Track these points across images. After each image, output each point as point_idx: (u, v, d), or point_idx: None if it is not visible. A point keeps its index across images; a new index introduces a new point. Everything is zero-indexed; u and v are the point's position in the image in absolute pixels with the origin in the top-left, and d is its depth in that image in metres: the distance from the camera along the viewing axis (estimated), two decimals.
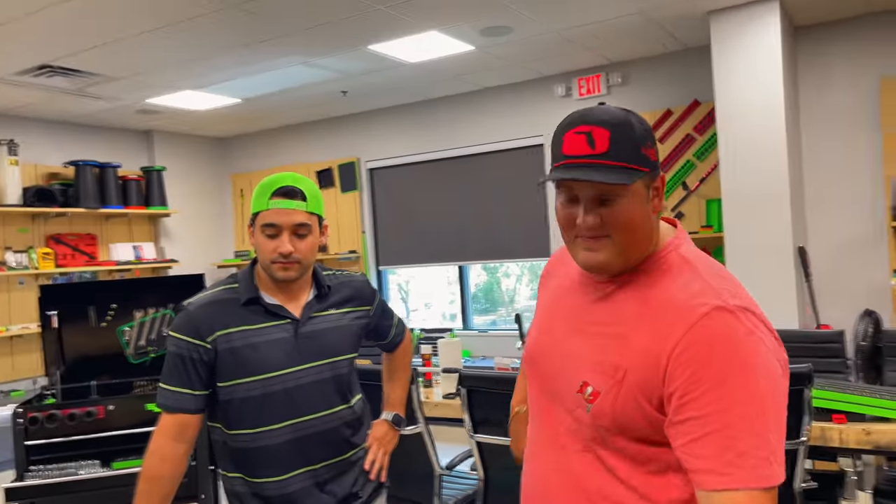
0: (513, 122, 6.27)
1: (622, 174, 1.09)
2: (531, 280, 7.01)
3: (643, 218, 1.14)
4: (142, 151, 7.40)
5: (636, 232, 1.13)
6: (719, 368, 1.00)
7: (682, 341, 1.04)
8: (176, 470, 1.62)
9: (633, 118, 1.14)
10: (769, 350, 1.04)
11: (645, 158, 1.12)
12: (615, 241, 1.13)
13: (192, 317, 1.65)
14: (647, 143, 1.13)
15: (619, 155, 1.10)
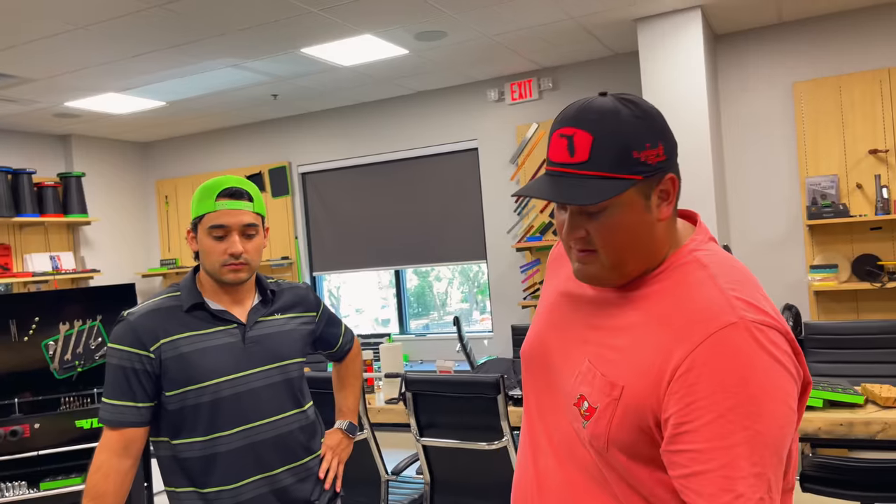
0: (447, 126, 6.31)
1: (598, 188, 0.95)
2: (462, 283, 7.06)
3: (640, 229, 0.99)
4: (59, 157, 7.06)
5: (630, 246, 0.99)
6: (724, 397, 0.88)
7: (687, 361, 0.91)
8: (121, 487, 1.55)
9: (630, 114, 0.97)
10: (786, 374, 0.91)
11: (637, 163, 0.96)
12: (603, 257, 1.00)
13: (134, 326, 1.58)
14: (643, 144, 0.96)
15: (600, 164, 0.96)
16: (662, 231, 1.02)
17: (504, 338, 5.91)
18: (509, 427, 2.63)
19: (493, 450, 2.63)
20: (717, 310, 0.92)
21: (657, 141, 0.98)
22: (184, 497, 1.62)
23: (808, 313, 4.88)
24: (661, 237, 1.02)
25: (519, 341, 4.58)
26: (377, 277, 7.19)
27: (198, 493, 1.61)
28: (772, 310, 0.95)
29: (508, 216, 6.08)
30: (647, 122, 0.98)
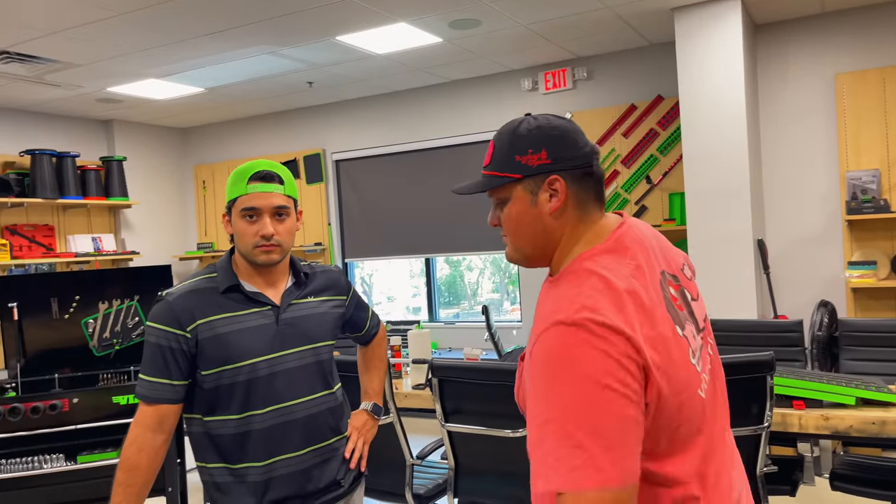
0: (480, 116, 6.30)
1: (488, 182, 1.21)
2: (493, 273, 7.07)
3: (528, 219, 1.19)
4: (101, 141, 7.24)
5: (522, 233, 1.21)
6: (534, 386, 1.02)
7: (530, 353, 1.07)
8: (154, 460, 1.61)
9: (525, 127, 1.19)
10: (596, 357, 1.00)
11: (518, 165, 1.18)
12: (509, 239, 1.24)
13: (172, 306, 1.63)
14: (526, 150, 1.17)
15: (494, 165, 1.21)
16: (553, 225, 1.19)
17: None
18: None
19: (517, 437, 2.65)
20: (557, 310, 1.05)
21: (540, 148, 1.17)
22: (214, 472, 1.67)
23: (844, 310, 4.79)
24: (553, 229, 1.19)
25: None
26: (409, 266, 7.24)
27: (228, 469, 1.66)
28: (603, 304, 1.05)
29: None
30: (536, 134, 1.18)
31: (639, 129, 5.61)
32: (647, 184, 5.60)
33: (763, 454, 2.51)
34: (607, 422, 0.98)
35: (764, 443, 2.49)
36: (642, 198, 5.63)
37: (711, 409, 1.18)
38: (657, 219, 5.56)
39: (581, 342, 1.01)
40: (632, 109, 5.62)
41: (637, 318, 1.05)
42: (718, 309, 4.55)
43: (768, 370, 2.45)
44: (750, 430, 2.47)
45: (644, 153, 5.60)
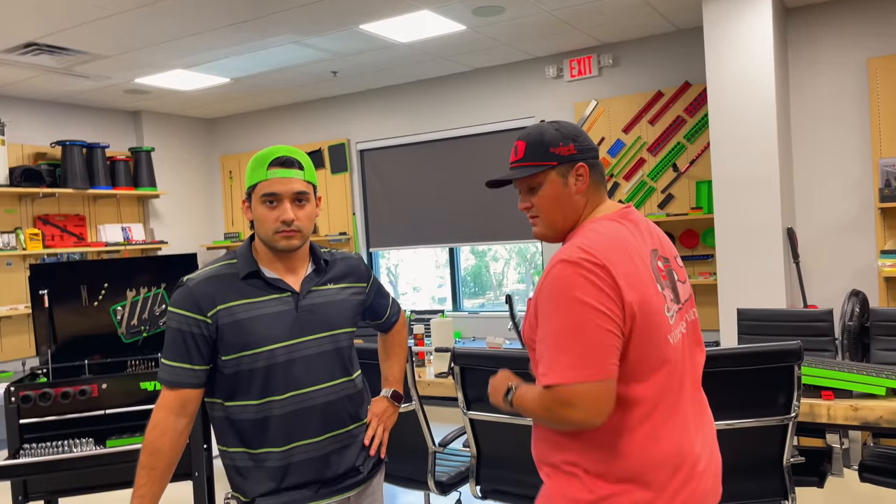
0: (504, 104, 6.26)
1: (529, 170, 1.51)
2: (519, 263, 7.04)
3: (562, 199, 1.51)
4: (130, 132, 7.34)
5: (556, 208, 1.51)
6: (547, 306, 1.37)
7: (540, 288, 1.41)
8: (176, 443, 1.63)
9: (550, 127, 1.53)
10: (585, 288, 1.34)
11: (553, 155, 1.49)
12: (542, 217, 1.54)
13: (192, 291, 1.65)
14: (558, 143, 1.50)
15: (529, 158, 1.51)
16: (579, 201, 1.52)
17: None
18: None
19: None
20: (562, 253, 1.40)
21: (569, 142, 1.50)
22: (235, 457, 1.69)
23: (876, 300, 4.68)
24: (579, 205, 1.52)
25: None
26: (434, 256, 7.24)
27: (248, 454, 1.67)
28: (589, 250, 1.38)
29: None
30: (563, 131, 1.52)
31: (665, 116, 5.53)
32: (674, 172, 5.53)
33: (790, 445, 2.47)
34: (592, 332, 1.32)
35: (791, 433, 2.45)
36: (669, 186, 5.56)
37: (680, 366, 1.45)
38: (684, 207, 5.48)
39: (575, 274, 1.35)
40: (658, 96, 5.54)
41: (622, 261, 1.38)
42: (747, 298, 4.48)
43: (796, 359, 2.40)
44: (777, 419, 2.43)
45: (671, 140, 5.52)
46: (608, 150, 5.77)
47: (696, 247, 5.51)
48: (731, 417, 2.43)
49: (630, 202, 5.71)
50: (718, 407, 2.42)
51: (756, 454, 2.49)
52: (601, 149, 5.81)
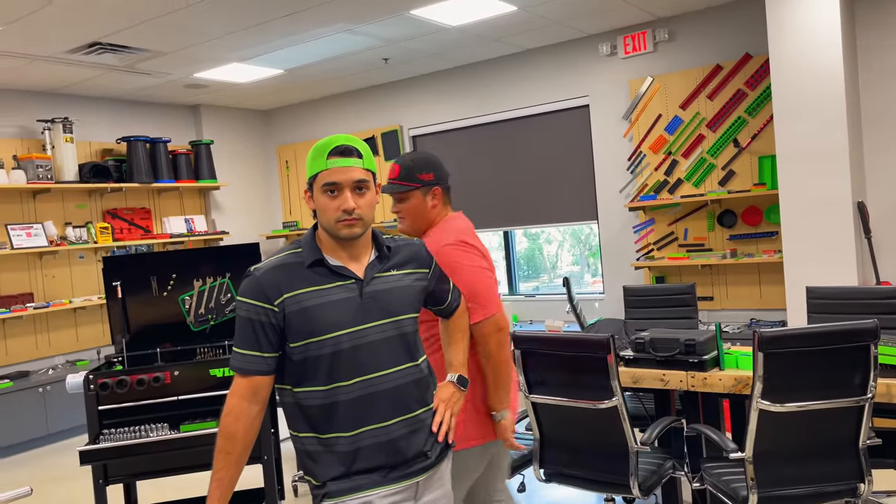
0: (556, 84, 6.18)
1: (401, 188, 2.30)
2: (573, 245, 6.96)
3: (423, 210, 2.31)
4: (190, 126, 7.54)
5: (417, 217, 2.32)
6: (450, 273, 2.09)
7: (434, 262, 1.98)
8: (250, 429, 1.68)
9: (422, 157, 2.35)
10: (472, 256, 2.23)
11: (420, 179, 2.29)
12: (407, 220, 2.35)
13: (260, 281, 1.69)
14: (423, 171, 2.29)
15: (404, 178, 2.30)
16: (433, 212, 2.34)
17: (616, 299, 5.81)
18: (620, 387, 2.60)
19: (603, 409, 2.62)
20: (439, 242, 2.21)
21: (430, 171, 2.30)
22: (305, 441, 1.73)
23: None
24: (433, 214, 2.34)
25: (632, 302, 4.49)
26: (486, 240, 7.23)
27: (318, 439, 1.71)
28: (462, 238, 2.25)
29: (621, 175, 5.92)
30: (426, 161, 2.32)
31: (725, 91, 5.37)
32: (735, 147, 5.37)
33: (866, 426, 2.39)
34: (487, 282, 2.22)
35: (867, 414, 2.37)
36: (729, 162, 5.40)
37: None
38: (746, 184, 5.33)
39: (461, 251, 2.20)
40: (717, 70, 5.38)
41: (476, 241, 2.30)
42: (816, 276, 4.33)
43: (872, 338, 2.31)
44: (852, 401, 2.36)
45: (731, 115, 5.36)
46: (665, 128, 5.64)
47: (759, 224, 5.34)
48: (805, 399, 2.36)
49: (689, 180, 5.57)
50: (791, 389, 2.37)
51: (831, 436, 2.41)
52: (659, 126, 5.68)
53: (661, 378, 3.02)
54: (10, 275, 6.03)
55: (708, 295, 5.58)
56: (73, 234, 6.29)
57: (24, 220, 6.12)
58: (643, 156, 5.77)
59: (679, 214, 5.69)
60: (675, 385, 2.99)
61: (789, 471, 2.45)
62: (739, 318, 5.43)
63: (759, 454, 2.42)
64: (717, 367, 2.99)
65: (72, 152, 6.24)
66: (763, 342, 2.33)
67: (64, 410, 5.81)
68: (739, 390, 2.84)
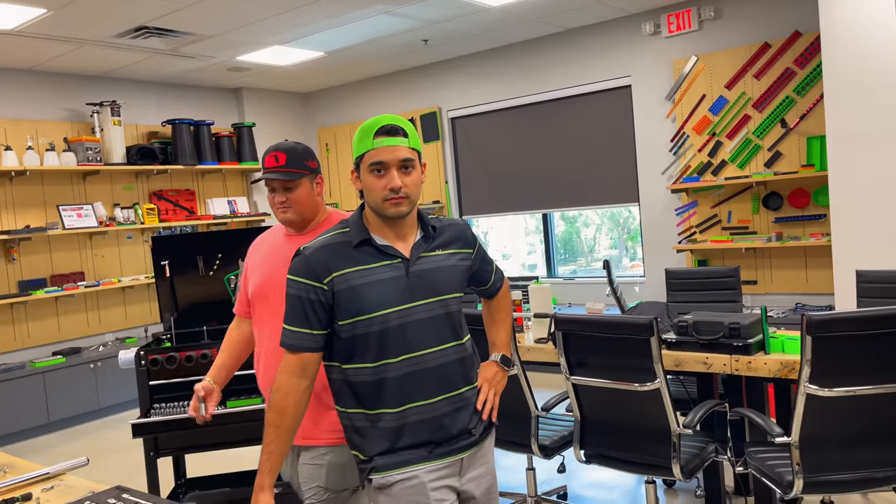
0: (598, 64, 6.10)
1: (291, 175, 2.12)
2: (611, 229, 6.89)
3: (309, 197, 2.16)
4: (232, 109, 7.64)
5: (307, 205, 2.15)
6: None
7: None
8: (299, 404, 1.72)
9: (301, 147, 2.18)
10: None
11: (309, 167, 2.16)
12: (295, 209, 2.14)
13: (309, 260, 1.72)
14: (309, 159, 2.17)
15: (294, 165, 2.13)
16: (318, 202, 2.21)
17: (657, 282, 5.75)
18: (663, 370, 2.59)
19: (645, 391, 2.62)
20: None
21: (313, 159, 2.19)
22: (353, 417, 1.77)
23: None
24: (318, 205, 2.21)
25: (673, 285, 4.44)
26: (524, 223, 7.21)
27: (365, 415, 1.75)
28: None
29: (663, 156, 5.83)
30: (309, 151, 2.19)
31: (773, 70, 5.23)
32: (783, 128, 5.24)
33: None
34: None
35: None
36: (776, 143, 5.28)
37: None
38: (793, 165, 5.20)
39: None
40: (765, 48, 5.25)
41: None
42: (866, 260, 4.23)
43: None
44: None
45: (779, 95, 5.23)
46: (709, 108, 5.53)
47: (806, 206, 5.23)
48: (855, 384, 2.32)
49: (733, 162, 5.46)
50: (841, 373, 2.33)
51: (881, 421, 2.37)
52: (703, 106, 5.57)
53: (704, 361, 2.99)
54: (62, 254, 6.22)
55: (752, 279, 5.49)
56: (121, 215, 6.45)
57: (75, 201, 6.30)
58: (686, 137, 5.67)
59: (723, 197, 5.59)
60: (719, 369, 2.96)
61: (836, 456, 2.41)
62: (784, 302, 5.33)
63: (806, 439, 2.39)
64: (763, 350, 2.95)
65: (119, 135, 6.39)
66: (812, 325, 2.29)
67: (114, 386, 6.00)
68: (785, 374, 2.80)
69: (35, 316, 6.05)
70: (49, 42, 5.30)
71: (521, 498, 3.50)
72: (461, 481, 1.81)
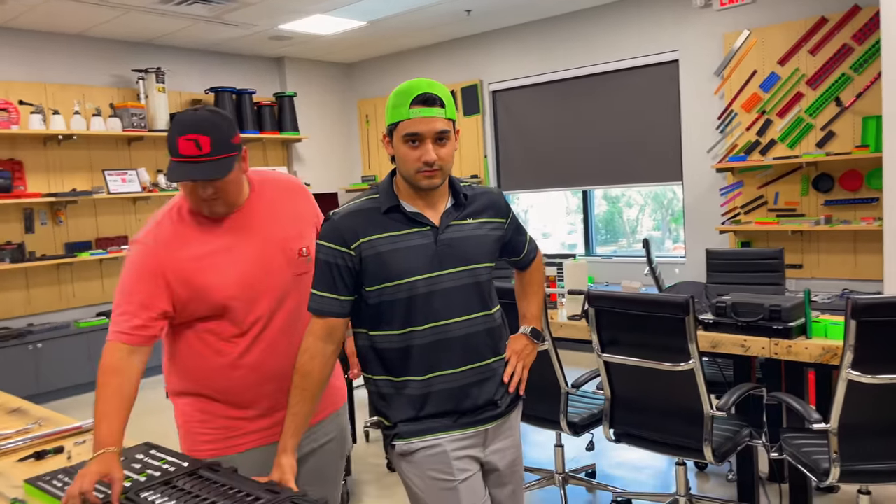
0: (645, 37, 5.93)
1: (225, 164, 1.68)
2: (655, 210, 6.75)
3: (240, 179, 1.78)
4: (274, 78, 7.67)
5: (237, 189, 1.77)
6: None
7: None
8: (325, 367, 1.72)
9: (222, 119, 1.69)
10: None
11: (236, 146, 1.71)
12: (223, 199, 1.74)
13: (337, 225, 1.70)
14: (234, 134, 1.71)
15: (219, 151, 1.66)
16: (245, 178, 1.83)
17: (697, 263, 5.63)
18: (697, 350, 2.53)
19: (678, 371, 2.56)
20: None
21: (236, 131, 1.73)
22: (379, 383, 1.77)
23: None
24: (244, 181, 1.83)
25: (714, 266, 4.34)
26: (565, 201, 7.11)
27: (390, 382, 1.74)
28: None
29: (710, 134, 5.67)
30: (230, 120, 1.72)
31: (829, 45, 5.02)
32: (837, 106, 5.04)
33: None
34: None
35: None
36: (830, 122, 5.08)
37: None
38: (847, 146, 5.00)
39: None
40: (822, 23, 5.03)
41: None
42: None
43: None
44: None
45: (834, 72, 5.02)
46: (760, 85, 5.34)
47: (859, 189, 5.03)
48: None
49: (783, 141, 5.28)
50: (885, 360, 2.23)
51: None
52: (753, 83, 5.38)
53: (742, 344, 2.91)
54: (107, 218, 6.36)
55: (797, 263, 5.33)
56: (163, 181, 6.56)
57: (120, 166, 6.42)
58: (734, 114, 5.50)
59: (770, 177, 5.42)
60: (757, 352, 2.88)
61: (876, 445, 2.33)
62: (830, 287, 5.17)
63: (845, 426, 2.32)
64: (804, 335, 2.86)
65: (164, 102, 6.47)
66: (857, 310, 2.21)
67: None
68: (827, 360, 2.71)
69: (80, 277, 6.22)
70: (96, 7, 5.37)
71: (548, 474, 3.48)
72: (485, 452, 1.80)
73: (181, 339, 1.82)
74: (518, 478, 1.90)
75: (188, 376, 1.84)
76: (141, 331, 1.69)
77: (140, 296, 1.70)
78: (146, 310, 1.70)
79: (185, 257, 1.73)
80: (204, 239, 1.77)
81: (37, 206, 5.91)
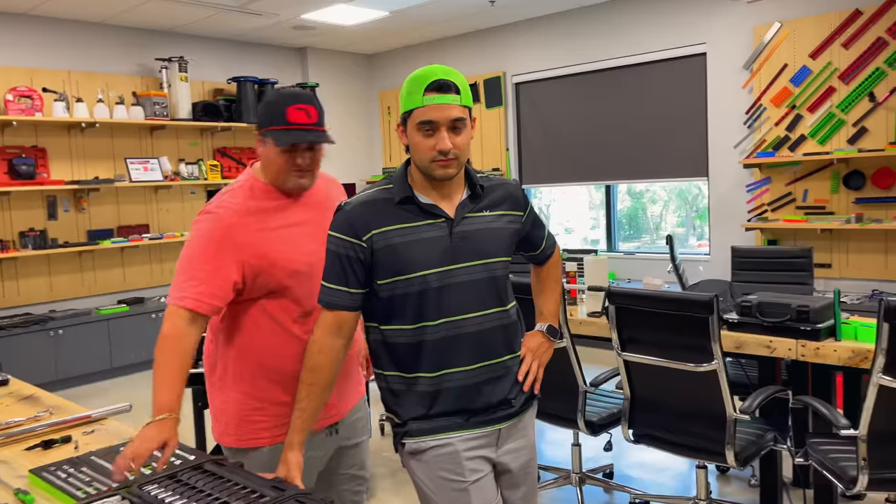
0: (671, 30, 5.81)
1: (328, 135, 1.80)
2: (679, 206, 6.63)
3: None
4: (296, 68, 7.65)
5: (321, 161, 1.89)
6: None
7: None
8: (334, 361, 1.67)
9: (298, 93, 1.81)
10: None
11: None
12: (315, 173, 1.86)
13: (348, 216, 1.65)
14: None
15: (322, 122, 1.79)
16: None
17: (722, 261, 5.51)
18: (721, 350, 2.45)
19: (700, 372, 2.48)
20: None
21: None
22: (390, 379, 1.72)
23: None
24: None
25: (739, 264, 4.23)
26: (588, 196, 7.01)
27: (402, 378, 1.69)
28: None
29: (736, 129, 5.54)
30: None
31: (863, 39, 4.87)
32: (870, 102, 4.88)
33: None
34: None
35: None
36: (862, 118, 4.93)
37: None
38: (880, 142, 4.85)
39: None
40: (856, 15, 4.88)
41: None
42: None
43: None
44: None
45: (868, 66, 4.87)
46: (791, 79, 5.20)
47: (891, 187, 4.88)
48: None
49: (813, 137, 5.14)
50: None
51: None
52: (783, 77, 5.24)
53: (768, 345, 2.82)
54: (128, 206, 6.39)
55: (826, 262, 5.19)
56: (185, 171, 6.57)
57: (142, 155, 6.44)
58: (763, 109, 5.36)
59: (799, 174, 5.28)
60: (783, 353, 2.79)
61: None
62: (860, 288, 5.03)
63: (875, 433, 2.23)
64: (833, 337, 2.76)
65: (186, 91, 6.47)
66: (890, 312, 2.11)
67: None
68: (857, 364, 2.62)
69: (102, 265, 6.25)
70: None
71: (565, 474, 3.42)
72: (497, 453, 1.74)
73: (246, 317, 1.80)
74: (532, 480, 1.84)
75: (250, 355, 1.81)
76: (209, 298, 1.67)
77: (212, 263, 1.68)
78: (216, 277, 1.68)
79: (259, 227, 1.76)
80: (277, 213, 1.82)
81: (59, 193, 5.95)
